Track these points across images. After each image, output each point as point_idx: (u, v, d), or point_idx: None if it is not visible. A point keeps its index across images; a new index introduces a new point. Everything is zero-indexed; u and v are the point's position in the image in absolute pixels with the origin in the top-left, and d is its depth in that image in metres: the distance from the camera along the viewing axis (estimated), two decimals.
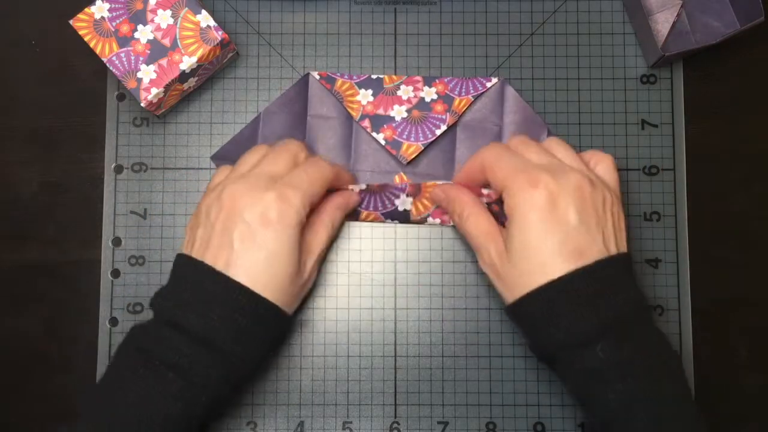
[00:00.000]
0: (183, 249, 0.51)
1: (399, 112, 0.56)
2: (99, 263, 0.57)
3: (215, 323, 0.46)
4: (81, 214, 0.58)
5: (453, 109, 0.56)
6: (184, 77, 0.54)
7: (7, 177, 0.58)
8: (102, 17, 0.53)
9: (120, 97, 0.58)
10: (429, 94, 0.57)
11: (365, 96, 0.57)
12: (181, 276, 0.49)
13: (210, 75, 0.57)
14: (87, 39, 0.53)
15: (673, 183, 0.58)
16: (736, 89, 0.59)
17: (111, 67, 0.53)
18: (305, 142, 0.56)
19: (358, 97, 0.57)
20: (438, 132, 0.56)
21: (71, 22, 0.53)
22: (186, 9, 0.53)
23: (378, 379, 0.56)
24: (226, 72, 0.58)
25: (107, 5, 0.53)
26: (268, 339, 0.49)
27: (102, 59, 0.53)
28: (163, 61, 0.53)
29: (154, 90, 0.53)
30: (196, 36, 0.53)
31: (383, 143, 0.56)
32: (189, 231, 0.51)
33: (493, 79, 0.57)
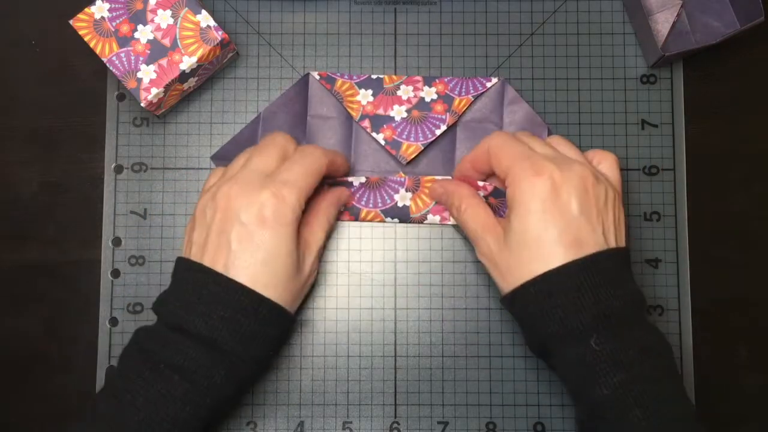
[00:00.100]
0: (182, 253, 0.51)
1: (399, 112, 0.56)
2: (99, 263, 0.57)
3: (218, 325, 0.46)
4: (81, 214, 0.58)
5: (453, 109, 0.56)
6: (184, 77, 0.54)
7: (7, 177, 0.58)
8: (102, 17, 0.53)
9: (120, 97, 0.58)
10: (429, 94, 0.57)
11: (365, 96, 0.57)
12: (182, 279, 0.49)
13: (210, 75, 0.57)
14: (87, 39, 0.53)
15: (673, 183, 0.58)
16: (736, 89, 0.59)
17: (111, 67, 0.53)
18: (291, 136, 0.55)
19: (358, 97, 0.57)
20: (438, 132, 0.56)
21: (71, 22, 0.53)
22: (186, 9, 0.53)
23: (378, 379, 0.56)
24: (226, 72, 0.58)
25: (107, 5, 0.53)
26: (271, 338, 0.49)
27: (102, 59, 0.53)
28: (163, 61, 0.53)
29: (154, 90, 0.53)
30: (196, 36, 0.53)
31: (383, 143, 0.56)
32: (187, 234, 0.51)
33: (493, 79, 0.57)
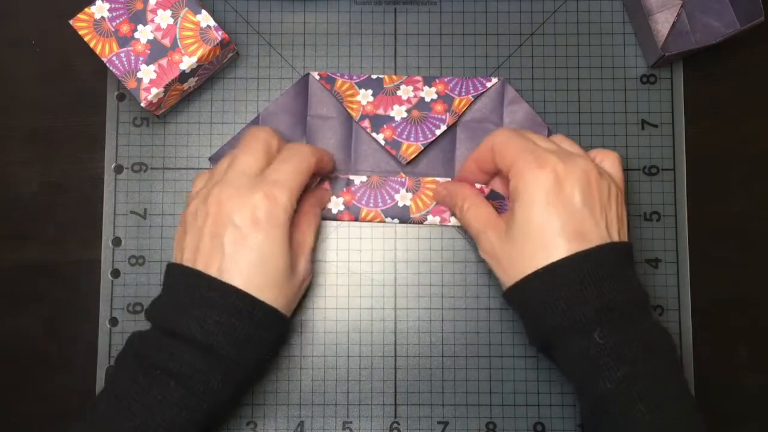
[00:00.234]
0: (173, 259, 0.51)
1: (399, 112, 0.56)
2: (99, 263, 0.57)
3: (213, 329, 0.46)
4: (81, 214, 0.58)
5: (453, 109, 0.56)
6: (184, 77, 0.54)
7: (7, 177, 0.58)
8: (102, 17, 0.53)
9: (120, 97, 0.58)
10: (429, 94, 0.57)
11: (365, 96, 0.57)
12: (175, 284, 0.49)
13: (210, 75, 0.57)
14: (87, 39, 0.53)
15: (673, 183, 0.58)
16: (736, 89, 0.59)
17: (111, 67, 0.53)
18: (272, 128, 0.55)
19: (357, 97, 0.57)
20: (438, 132, 0.56)
21: (71, 22, 0.53)
22: (186, 9, 0.53)
23: (378, 379, 0.56)
24: (226, 72, 0.58)
25: (107, 5, 0.53)
26: (267, 342, 0.49)
27: (102, 59, 0.53)
28: (163, 61, 0.53)
29: (154, 90, 0.53)
30: (196, 36, 0.53)
31: (383, 143, 0.56)
32: (177, 240, 0.51)
33: (493, 79, 0.57)
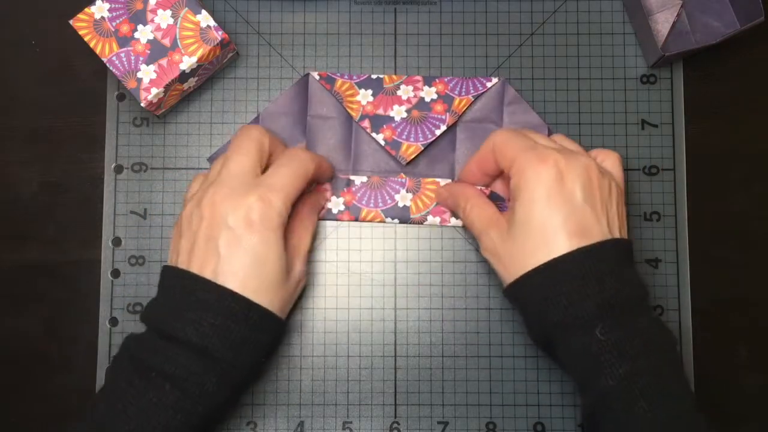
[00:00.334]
0: (168, 261, 0.50)
1: (399, 112, 0.56)
2: (99, 263, 0.57)
3: (208, 332, 0.46)
4: (81, 214, 0.58)
5: (453, 109, 0.56)
6: (184, 77, 0.54)
7: (7, 177, 0.58)
8: (102, 17, 0.53)
9: (120, 97, 0.58)
10: (429, 93, 0.57)
11: (365, 96, 0.57)
12: (170, 287, 0.49)
13: (210, 75, 0.57)
14: (87, 39, 0.53)
15: (673, 183, 0.58)
16: (736, 89, 0.59)
17: (111, 67, 0.53)
18: (263, 127, 0.54)
19: (357, 97, 0.57)
20: (438, 132, 0.56)
21: (71, 22, 0.53)
22: (186, 9, 0.53)
23: (378, 379, 0.56)
24: (226, 72, 0.58)
25: (107, 5, 0.53)
26: (262, 344, 0.48)
27: (102, 59, 0.53)
28: (163, 61, 0.53)
29: (154, 90, 0.53)
30: (196, 36, 0.53)
31: (383, 143, 0.56)
32: (173, 243, 0.51)
33: (493, 79, 0.57)
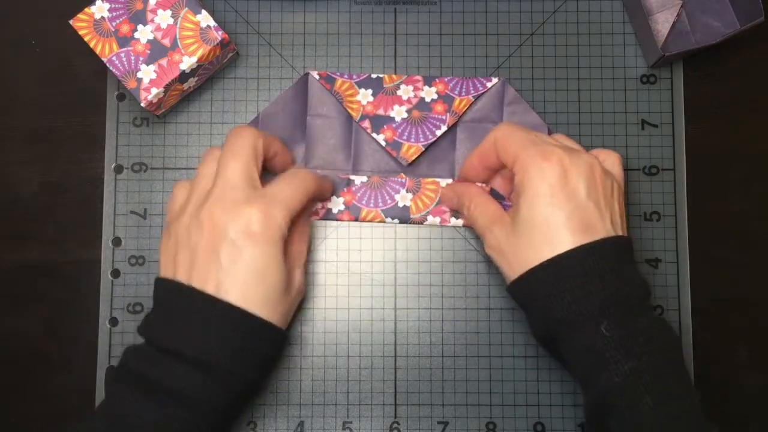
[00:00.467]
0: (162, 274, 0.49)
1: (399, 112, 0.56)
2: (99, 263, 0.57)
3: (212, 347, 0.46)
4: (81, 214, 0.58)
5: (453, 110, 0.56)
6: (184, 77, 0.54)
7: (7, 177, 0.58)
8: (102, 17, 0.53)
9: (120, 97, 0.58)
10: (429, 93, 0.57)
11: (365, 96, 0.57)
12: (168, 301, 0.48)
13: (210, 75, 0.57)
14: (87, 39, 0.53)
15: (673, 183, 0.58)
16: (736, 89, 0.59)
17: (111, 67, 0.53)
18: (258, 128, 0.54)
19: (358, 97, 0.57)
20: (438, 133, 0.56)
21: (71, 22, 0.53)
22: (186, 9, 0.53)
23: (378, 379, 0.56)
24: (226, 72, 0.58)
25: (107, 5, 0.53)
26: (264, 357, 0.48)
27: (102, 59, 0.53)
28: (163, 61, 0.53)
29: (154, 90, 0.53)
30: (196, 36, 0.53)
31: (383, 144, 0.56)
32: (164, 256, 0.50)
33: (494, 79, 0.57)
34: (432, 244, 0.57)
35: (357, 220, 0.57)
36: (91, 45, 0.53)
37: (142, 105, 0.53)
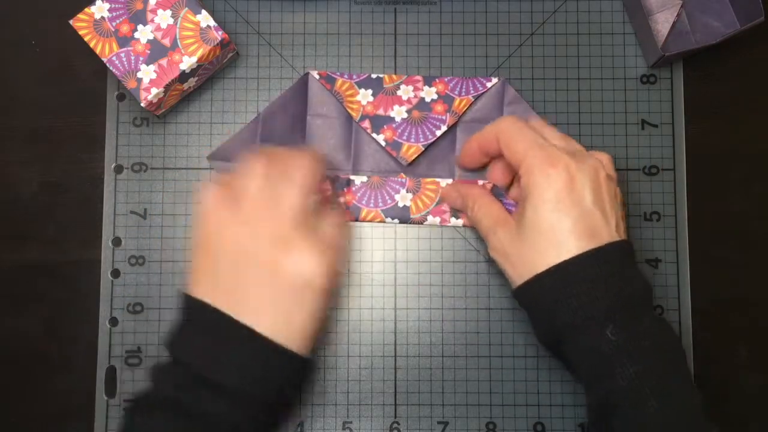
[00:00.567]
0: (195, 287, 0.47)
1: (399, 112, 0.56)
2: (99, 263, 0.57)
3: (253, 382, 0.45)
4: (81, 214, 0.58)
5: (453, 110, 0.56)
6: (184, 77, 0.54)
7: (7, 177, 0.58)
8: (102, 17, 0.53)
9: (120, 97, 0.58)
10: (429, 93, 0.57)
11: (365, 96, 0.57)
12: (206, 325, 0.46)
13: (210, 75, 0.57)
14: (87, 39, 0.53)
15: (673, 183, 0.58)
16: (736, 89, 0.59)
17: (111, 67, 0.53)
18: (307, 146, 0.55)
19: (358, 97, 0.57)
20: (438, 133, 0.56)
21: (71, 22, 0.53)
22: (186, 9, 0.53)
23: (378, 379, 0.56)
24: (226, 72, 0.58)
25: (107, 5, 0.53)
26: (294, 387, 0.48)
27: (102, 59, 0.53)
28: (163, 61, 0.53)
29: (154, 90, 0.53)
30: (196, 36, 0.53)
31: (383, 144, 0.56)
32: (200, 273, 0.47)
33: (493, 79, 0.57)
34: (432, 244, 0.57)
35: (357, 220, 0.57)
36: (91, 45, 0.53)
37: (142, 105, 0.53)
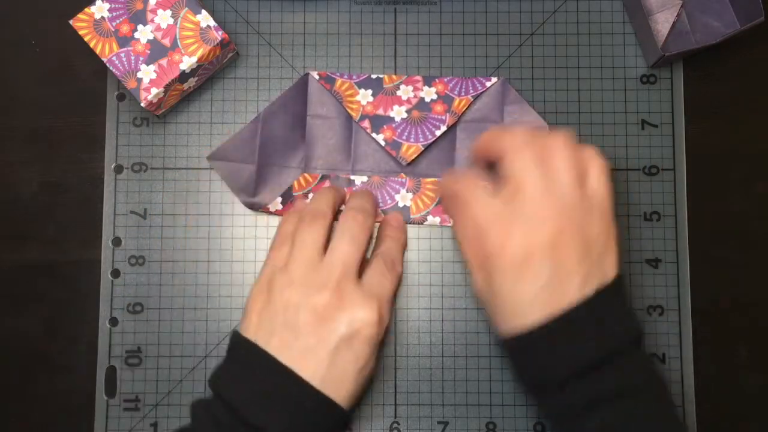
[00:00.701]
0: (247, 333, 0.49)
1: (399, 112, 0.56)
2: (99, 263, 0.57)
3: (284, 426, 0.46)
4: (81, 214, 0.58)
5: (453, 110, 0.56)
6: (184, 77, 0.54)
7: (7, 177, 0.58)
8: (102, 17, 0.53)
9: (120, 97, 0.58)
10: (429, 94, 0.57)
11: (365, 96, 0.57)
12: (250, 365, 0.48)
13: (210, 75, 0.57)
14: (87, 39, 0.53)
15: (673, 183, 0.58)
16: (736, 89, 0.59)
17: (111, 67, 0.53)
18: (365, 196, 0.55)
19: (357, 97, 0.57)
20: (438, 133, 0.56)
21: (71, 22, 0.53)
22: (186, 9, 0.53)
23: (378, 379, 0.56)
24: (226, 72, 0.58)
25: (107, 5, 0.53)
26: None
27: (102, 59, 0.53)
28: (163, 61, 0.53)
29: (154, 90, 0.53)
30: (196, 36, 0.53)
31: (383, 144, 0.56)
32: (255, 315, 0.49)
33: (493, 79, 0.57)
34: (432, 244, 0.57)
35: None
36: (91, 45, 0.53)
37: (142, 105, 0.53)
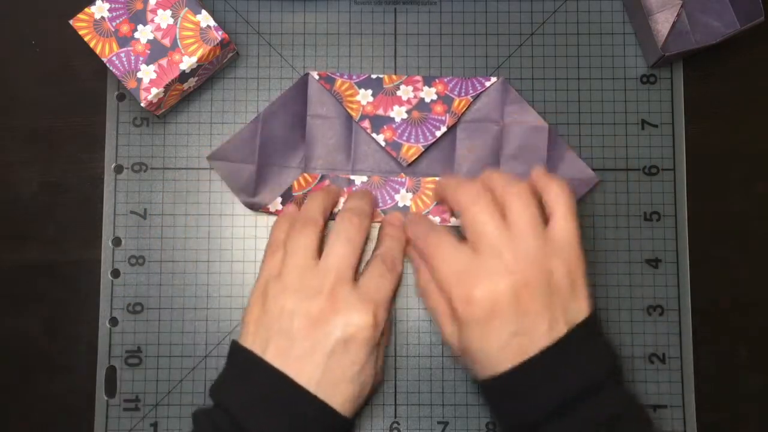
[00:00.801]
0: (245, 342, 0.49)
1: (399, 112, 0.56)
2: (99, 263, 0.57)
3: None
4: (81, 214, 0.58)
5: (452, 110, 0.56)
6: (184, 77, 0.54)
7: (7, 177, 0.58)
8: (102, 17, 0.53)
9: (120, 97, 0.58)
10: (429, 94, 0.57)
11: (365, 96, 0.57)
12: (248, 373, 0.48)
13: (210, 75, 0.57)
14: (87, 39, 0.53)
15: (673, 183, 0.58)
16: (736, 89, 0.59)
17: (111, 67, 0.53)
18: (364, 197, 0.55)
19: (357, 97, 0.57)
20: (438, 133, 0.56)
21: (71, 22, 0.53)
22: (186, 9, 0.53)
23: None
24: (226, 72, 0.58)
25: (107, 5, 0.53)
26: None
27: (102, 59, 0.53)
28: (163, 61, 0.53)
29: (154, 90, 0.53)
30: (196, 36, 0.53)
31: (383, 144, 0.56)
32: (252, 325, 0.49)
33: (493, 79, 0.57)
34: None
35: None
36: (91, 45, 0.53)
37: (142, 105, 0.53)
